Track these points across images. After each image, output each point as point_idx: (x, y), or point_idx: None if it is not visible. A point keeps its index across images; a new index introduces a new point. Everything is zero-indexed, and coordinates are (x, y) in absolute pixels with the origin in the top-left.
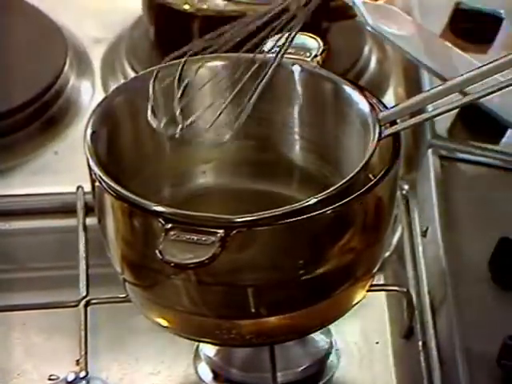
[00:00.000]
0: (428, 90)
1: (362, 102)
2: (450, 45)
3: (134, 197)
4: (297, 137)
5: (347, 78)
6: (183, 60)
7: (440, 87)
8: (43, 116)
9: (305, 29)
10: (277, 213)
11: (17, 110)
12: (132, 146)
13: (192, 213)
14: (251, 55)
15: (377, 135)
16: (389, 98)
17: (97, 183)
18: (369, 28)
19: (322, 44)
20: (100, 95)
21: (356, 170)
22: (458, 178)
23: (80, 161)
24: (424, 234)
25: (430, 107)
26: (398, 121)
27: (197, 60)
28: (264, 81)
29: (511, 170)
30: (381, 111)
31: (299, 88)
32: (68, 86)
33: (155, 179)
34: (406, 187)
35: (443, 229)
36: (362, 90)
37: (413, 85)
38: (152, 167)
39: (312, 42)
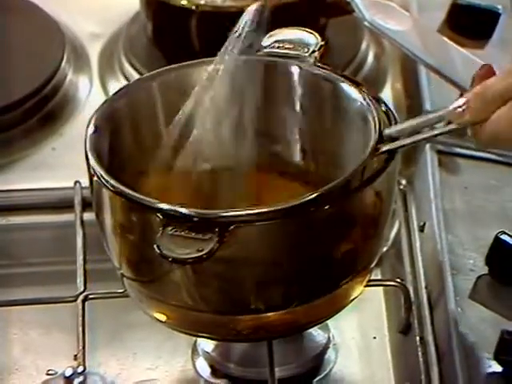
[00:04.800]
0: (434, 111)
1: (360, 98)
2: (447, 40)
3: (131, 192)
4: (296, 135)
5: (345, 73)
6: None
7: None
8: (41, 111)
9: (303, 24)
10: (275, 208)
11: (14, 105)
12: (133, 147)
13: (190, 208)
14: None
15: (376, 139)
16: (386, 94)
17: (95, 178)
18: (366, 23)
19: (319, 40)
20: (97, 91)
21: (354, 168)
22: (455, 173)
23: (77, 156)
24: (421, 228)
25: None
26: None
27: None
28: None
29: (509, 164)
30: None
31: (297, 86)
32: (65, 81)
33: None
34: (404, 182)
35: (440, 224)
36: (360, 85)
37: (410, 80)
38: (152, 167)
39: (310, 38)
